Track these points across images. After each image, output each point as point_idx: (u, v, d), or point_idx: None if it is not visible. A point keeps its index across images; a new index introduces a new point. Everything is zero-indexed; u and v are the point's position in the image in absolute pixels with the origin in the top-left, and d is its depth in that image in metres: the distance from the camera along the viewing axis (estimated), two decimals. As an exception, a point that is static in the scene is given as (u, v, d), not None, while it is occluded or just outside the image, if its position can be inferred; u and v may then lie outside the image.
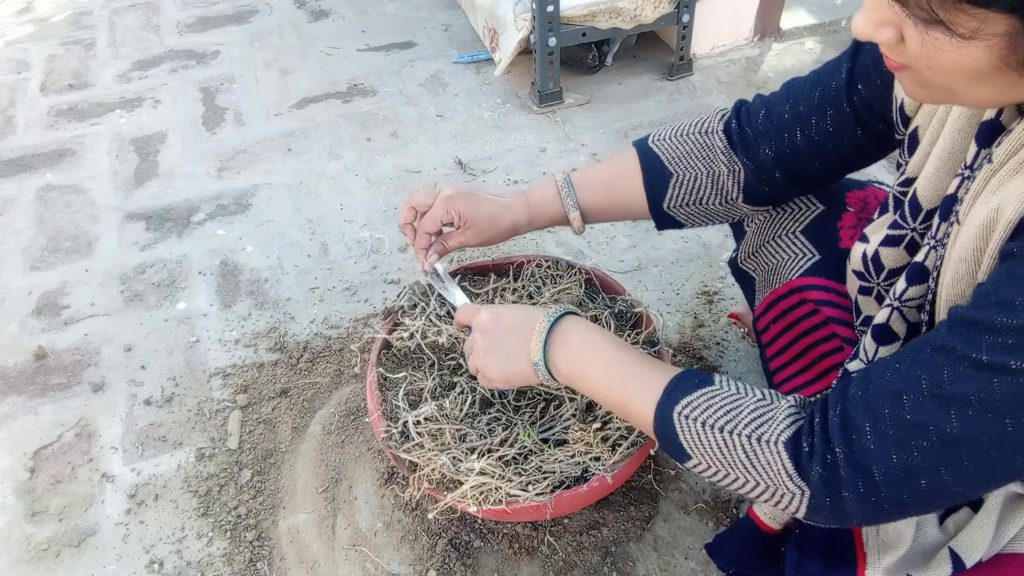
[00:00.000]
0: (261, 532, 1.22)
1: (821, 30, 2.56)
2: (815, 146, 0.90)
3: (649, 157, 0.99)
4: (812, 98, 0.89)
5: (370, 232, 1.81)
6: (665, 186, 0.98)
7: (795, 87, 0.93)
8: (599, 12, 2.07)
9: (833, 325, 0.97)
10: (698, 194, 0.98)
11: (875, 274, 0.84)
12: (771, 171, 0.93)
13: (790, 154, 0.91)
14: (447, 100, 2.28)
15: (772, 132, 0.92)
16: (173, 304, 1.64)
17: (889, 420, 0.60)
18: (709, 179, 0.97)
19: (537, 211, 1.03)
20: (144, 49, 2.60)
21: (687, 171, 0.97)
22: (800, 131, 0.90)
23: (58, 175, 2.03)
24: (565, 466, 0.99)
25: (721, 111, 0.98)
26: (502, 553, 1.16)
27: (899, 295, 0.76)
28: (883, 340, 0.79)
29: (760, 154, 0.93)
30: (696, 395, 0.73)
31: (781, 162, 0.92)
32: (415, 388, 1.11)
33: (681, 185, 0.98)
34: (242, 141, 2.13)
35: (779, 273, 1.05)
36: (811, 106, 0.89)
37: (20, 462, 1.34)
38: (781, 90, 0.95)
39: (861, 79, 0.84)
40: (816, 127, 0.89)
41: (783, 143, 0.91)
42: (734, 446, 0.69)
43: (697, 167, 0.97)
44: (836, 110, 0.87)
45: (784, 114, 0.91)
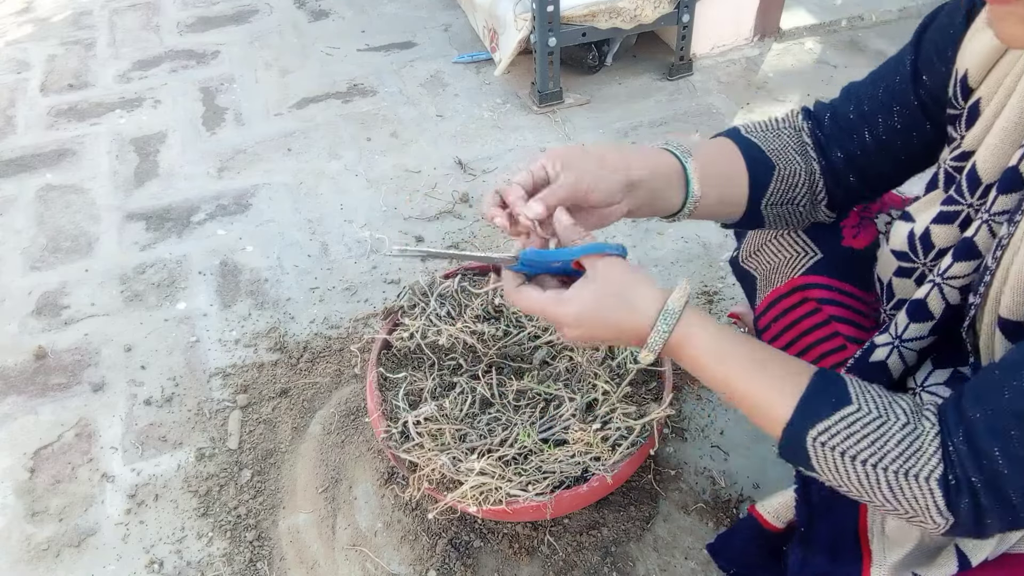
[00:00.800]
0: (261, 532, 1.22)
1: (821, 30, 2.55)
2: (883, 145, 0.86)
3: (749, 145, 0.89)
4: (876, 96, 0.85)
5: (370, 232, 1.81)
6: (768, 179, 0.89)
7: (855, 89, 0.89)
8: (599, 12, 2.07)
9: (836, 324, 0.97)
10: (794, 192, 0.90)
11: (923, 254, 0.80)
12: (845, 175, 0.89)
13: (860, 155, 0.87)
14: (447, 100, 2.28)
15: (840, 135, 0.88)
16: (173, 304, 1.64)
17: (1018, 442, 0.58)
18: (807, 176, 0.90)
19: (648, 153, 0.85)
20: (144, 49, 2.60)
21: (788, 165, 0.89)
22: (868, 131, 0.86)
23: (58, 175, 2.03)
24: (565, 466, 0.99)
25: (797, 113, 0.93)
26: (502, 553, 1.16)
27: (943, 271, 0.74)
28: (917, 317, 0.78)
29: (833, 158, 0.89)
30: (835, 420, 0.66)
31: (852, 164, 0.88)
32: (415, 388, 1.11)
33: (783, 180, 0.89)
34: (242, 141, 2.13)
35: (781, 271, 1.05)
36: (876, 104, 0.85)
37: (20, 462, 1.34)
38: (841, 94, 0.91)
39: (925, 69, 0.80)
40: (884, 125, 0.85)
41: (852, 145, 0.87)
42: (878, 480, 0.64)
43: (797, 162, 0.89)
44: (903, 105, 0.83)
45: (849, 115, 0.87)
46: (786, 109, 2.18)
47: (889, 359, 0.82)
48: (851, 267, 0.99)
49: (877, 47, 2.47)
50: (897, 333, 0.80)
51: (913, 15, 2.62)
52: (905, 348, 0.81)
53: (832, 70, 2.36)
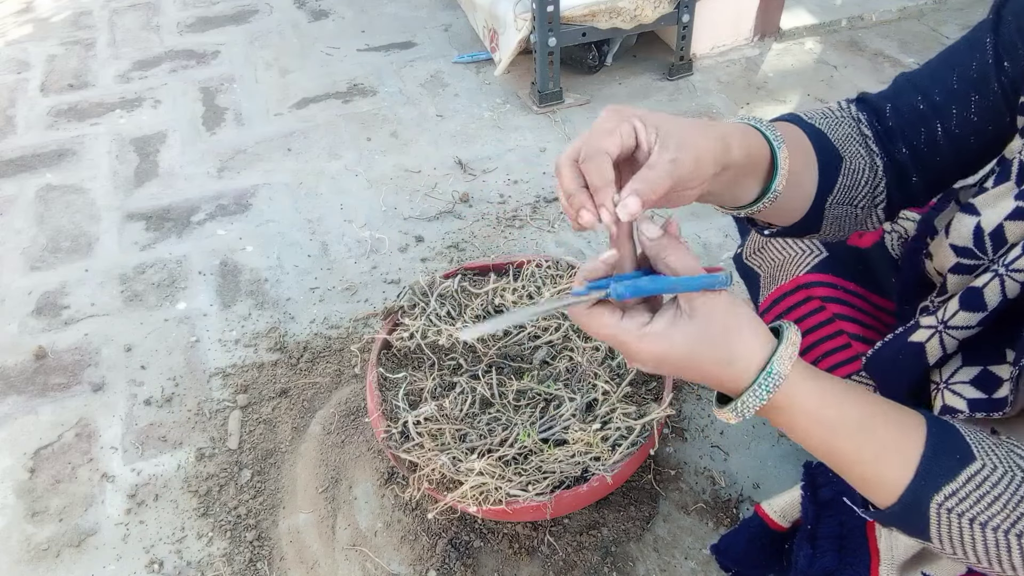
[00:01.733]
0: (261, 532, 1.22)
1: (821, 30, 2.55)
2: (955, 140, 0.76)
3: (818, 134, 0.77)
4: (949, 84, 0.75)
5: (370, 232, 1.81)
6: (836, 173, 0.77)
7: (918, 79, 0.79)
8: (599, 12, 2.07)
9: (840, 322, 0.97)
10: (856, 190, 0.78)
11: (992, 250, 0.73)
12: (909, 174, 0.79)
13: (927, 151, 0.77)
14: (447, 100, 2.28)
15: (906, 127, 0.78)
16: (173, 304, 1.64)
17: None
18: (870, 172, 0.78)
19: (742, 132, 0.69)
20: (144, 49, 2.60)
21: (854, 158, 0.78)
22: (940, 124, 0.76)
23: (58, 175, 2.03)
24: (565, 466, 0.99)
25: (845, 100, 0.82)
26: (502, 553, 1.16)
27: (1009, 263, 0.69)
28: (969, 305, 0.73)
29: (895, 152, 0.79)
30: (962, 482, 0.58)
31: (918, 161, 0.78)
32: (415, 388, 1.11)
33: (849, 174, 0.77)
34: (242, 141, 2.13)
35: (785, 269, 1.05)
36: (949, 94, 0.75)
37: (20, 462, 1.34)
38: (898, 85, 0.81)
39: (1007, 54, 0.71)
40: (958, 117, 0.75)
41: (919, 139, 0.77)
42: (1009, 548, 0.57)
43: (860, 154, 0.78)
44: (982, 94, 0.73)
45: (917, 105, 0.77)
46: (787, 109, 2.19)
47: (928, 343, 0.78)
48: (856, 266, 0.99)
49: (877, 47, 2.47)
50: (943, 318, 0.75)
51: (913, 15, 2.62)
52: (948, 334, 0.76)
53: (832, 70, 2.36)
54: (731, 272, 0.65)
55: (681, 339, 0.60)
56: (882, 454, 0.60)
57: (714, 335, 0.60)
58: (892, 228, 0.99)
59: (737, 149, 0.66)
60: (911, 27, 2.57)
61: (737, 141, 0.67)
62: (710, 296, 0.60)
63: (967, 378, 0.79)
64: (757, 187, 0.71)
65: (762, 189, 0.71)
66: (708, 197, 0.69)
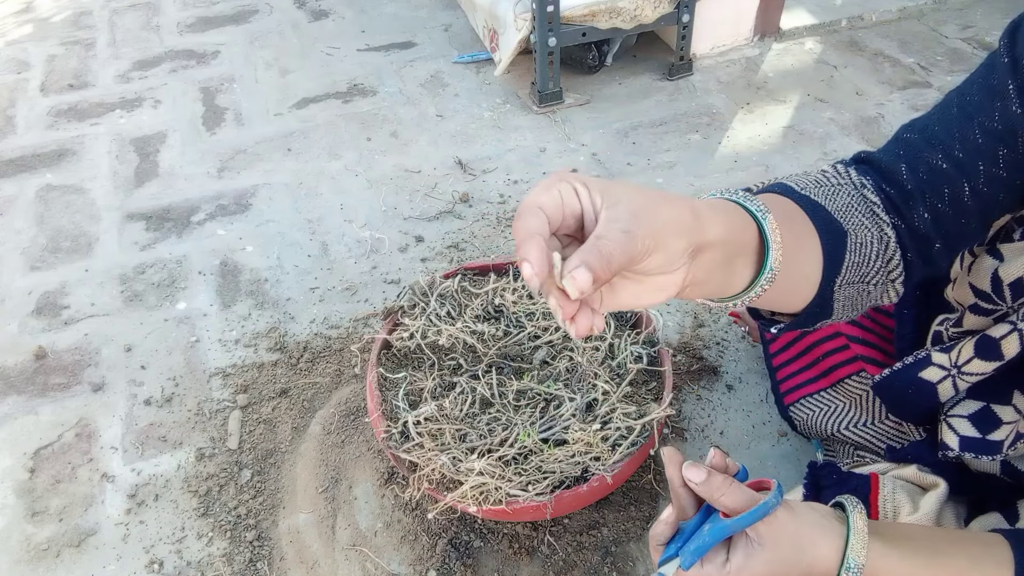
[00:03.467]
0: (261, 532, 1.22)
1: (821, 30, 2.55)
2: (982, 198, 0.68)
3: (814, 207, 0.66)
4: (971, 138, 0.67)
5: (370, 232, 1.81)
6: (843, 250, 0.65)
7: (932, 132, 0.70)
8: (599, 12, 2.07)
9: (838, 325, 0.97)
10: (868, 267, 0.68)
11: (1011, 299, 0.71)
12: (930, 241, 0.69)
13: (952, 215, 0.68)
14: (447, 100, 2.28)
15: (927, 190, 0.68)
16: (173, 304, 1.64)
17: None
18: (879, 244, 0.68)
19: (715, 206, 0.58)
20: (144, 49, 2.60)
21: (859, 231, 0.67)
22: (967, 183, 0.67)
23: (58, 175, 2.03)
24: (565, 466, 0.99)
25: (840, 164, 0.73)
26: (502, 553, 1.16)
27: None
28: (985, 355, 0.73)
29: (914, 219, 0.68)
30: None
31: (940, 226, 0.69)
32: (415, 388, 1.11)
33: (856, 250, 0.66)
34: (242, 141, 2.13)
35: None
36: (974, 150, 0.67)
37: (20, 462, 1.34)
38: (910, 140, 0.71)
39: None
40: (985, 175, 0.67)
41: (943, 202, 0.68)
42: None
43: (865, 226, 0.67)
44: (1010, 147, 0.65)
45: (939, 165, 0.68)
46: (786, 109, 2.19)
47: (940, 384, 0.79)
48: None
49: (877, 47, 2.47)
50: (956, 363, 0.76)
51: (913, 15, 2.62)
52: (962, 379, 0.77)
53: (832, 70, 2.36)
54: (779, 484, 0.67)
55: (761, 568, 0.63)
56: None
57: (787, 556, 0.63)
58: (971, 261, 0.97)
59: (714, 225, 0.55)
60: (911, 27, 2.57)
61: (713, 215, 0.56)
62: (771, 520, 0.64)
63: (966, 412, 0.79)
64: (749, 271, 0.60)
65: (755, 271, 0.60)
66: (694, 289, 0.57)
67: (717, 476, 0.66)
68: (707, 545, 0.66)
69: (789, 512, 0.65)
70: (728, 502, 0.65)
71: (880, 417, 0.97)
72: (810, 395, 1.04)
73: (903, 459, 0.87)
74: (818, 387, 1.03)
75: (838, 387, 1.01)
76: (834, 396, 1.02)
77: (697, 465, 0.67)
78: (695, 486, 0.67)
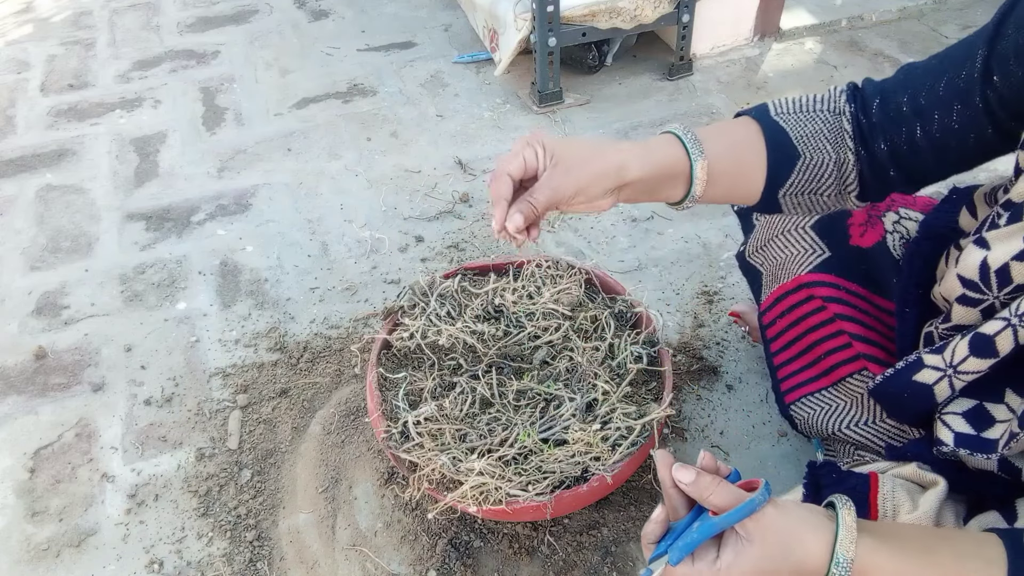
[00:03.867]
0: (261, 532, 1.22)
1: (821, 30, 2.55)
2: (935, 144, 0.77)
3: (775, 131, 0.82)
4: (936, 89, 0.76)
5: (370, 232, 1.81)
6: (790, 169, 0.82)
7: (915, 74, 0.80)
8: (599, 12, 2.07)
9: (840, 322, 0.97)
10: (819, 182, 0.83)
11: (996, 288, 0.74)
12: (886, 168, 0.81)
13: (907, 150, 0.79)
14: (447, 100, 2.28)
15: (888, 125, 0.79)
16: (173, 304, 1.64)
17: None
18: (835, 167, 0.82)
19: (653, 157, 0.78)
20: (144, 49, 2.60)
21: (815, 153, 0.81)
22: (920, 127, 0.77)
23: (58, 175, 2.03)
24: (565, 466, 0.99)
25: (841, 92, 0.84)
26: (502, 553, 1.16)
27: (1022, 312, 0.70)
28: (980, 352, 0.74)
29: (875, 148, 0.81)
30: None
31: (896, 158, 0.80)
32: (415, 388, 1.11)
33: (806, 170, 0.82)
34: (242, 141, 2.13)
35: (787, 268, 1.05)
36: (934, 99, 0.76)
37: (20, 462, 1.34)
38: (898, 75, 0.82)
39: (999, 69, 0.71)
40: (939, 123, 0.76)
41: (899, 138, 0.79)
42: None
43: (826, 150, 0.81)
44: (965, 104, 0.74)
45: (902, 106, 0.79)
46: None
47: (937, 385, 0.80)
48: (857, 267, 0.99)
49: (877, 47, 2.47)
50: (952, 362, 0.77)
51: (913, 15, 2.62)
52: (958, 378, 0.78)
53: (832, 70, 2.36)
54: (766, 483, 0.68)
55: (750, 564, 0.65)
56: None
57: (776, 551, 0.65)
58: (894, 228, 0.98)
59: (636, 170, 0.76)
60: (911, 27, 2.57)
61: (638, 162, 0.77)
62: (759, 517, 0.66)
63: (960, 410, 0.80)
64: (679, 192, 0.80)
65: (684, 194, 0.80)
66: (631, 201, 0.81)
67: (706, 476, 0.69)
68: (695, 542, 0.68)
69: (777, 509, 0.67)
70: (717, 501, 0.68)
71: (881, 416, 0.97)
72: (811, 394, 1.04)
73: (903, 457, 0.87)
74: (819, 386, 1.03)
75: (839, 386, 1.01)
76: (835, 395, 1.02)
77: (687, 466, 0.71)
78: (684, 486, 0.71)
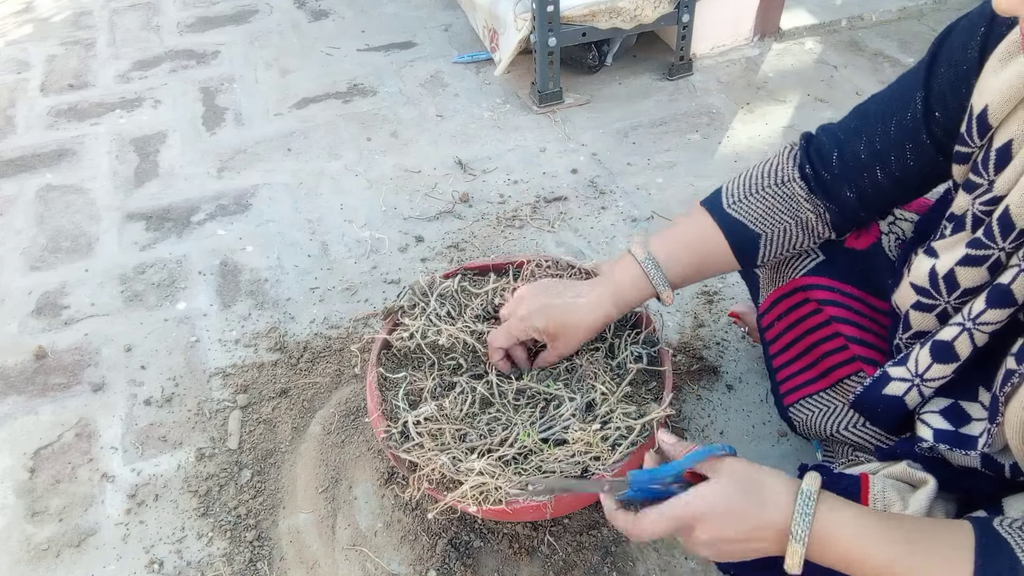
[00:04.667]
0: (261, 532, 1.22)
1: (821, 30, 2.55)
2: (897, 181, 0.85)
3: (731, 223, 0.95)
4: (888, 133, 0.84)
5: (370, 232, 1.81)
6: (755, 247, 0.95)
7: (868, 119, 0.87)
8: (599, 12, 2.07)
9: (836, 324, 0.97)
10: (789, 245, 0.96)
11: (946, 293, 0.78)
12: (856, 210, 0.90)
13: (872, 193, 0.88)
14: (447, 100, 2.28)
15: (850, 174, 0.88)
16: (173, 304, 1.64)
17: None
18: (799, 227, 0.94)
19: (625, 298, 0.99)
20: (144, 49, 2.60)
21: (775, 227, 0.94)
22: (880, 169, 0.85)
23: (58, 175, 2.03)
24: (565, 466, 0.98)
25: (788, 149, 0.94)
26: (502, 553, 1.16)
27: (974, 316, 0.73)
28: (942, 358, 0.77)
29: (842, 197, 0.89)
30: None
31: (864, 200, 0.89)
32: (415, 388, 1.11)
33: (772, 242, 0.95)
34: (242, 141, 2.13)
35: (783, 272, 1.05)
36: (888, 141, 0.84)
37: (20, 462, 1.34)
38: (851, 121, 0.90)
39: (938, 106, 0.78)
40: (896, 163, 0.84)
41: (863, 183, 0.87)
42: None
43: (784, 220, 0.93)
44: (915, 143, 0.82)
45: (860, 154, 0.87)
46: (786, 109, 2.19)
47: (907, 395, 0.82)
48: (852, 269, 0.99)
49: (877, 47, 2.47)
50: (918, 371, 0.79)
51: (913, 15, 2.63)
52: (925, 386, 0.80)
53: (832, 70, 2.36)
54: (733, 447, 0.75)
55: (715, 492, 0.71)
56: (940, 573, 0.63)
57: (744, 485, 0.70)
58: (889, 229, 0.99)
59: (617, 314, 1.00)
60: (911, 27, 2.57)
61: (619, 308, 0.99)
62: (725, 459, 0.73)
63: (937, 408, 0.82)
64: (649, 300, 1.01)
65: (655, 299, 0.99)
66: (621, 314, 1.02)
67: (685, 442, 0.79)
68: (658, 473, 0.76)
69: (744, 459, 0.74)
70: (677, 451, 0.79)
71: (878, 418, 0.97)
72: (809, 396, 1.04)
73: (892, 456, 0.87)
74: (817, 388, 1.03)
75: (837, 388, 1.01)
76: (833, 397, 1.02)
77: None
78: (666, 446, 0.81)
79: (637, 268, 0.97)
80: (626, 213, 1.83)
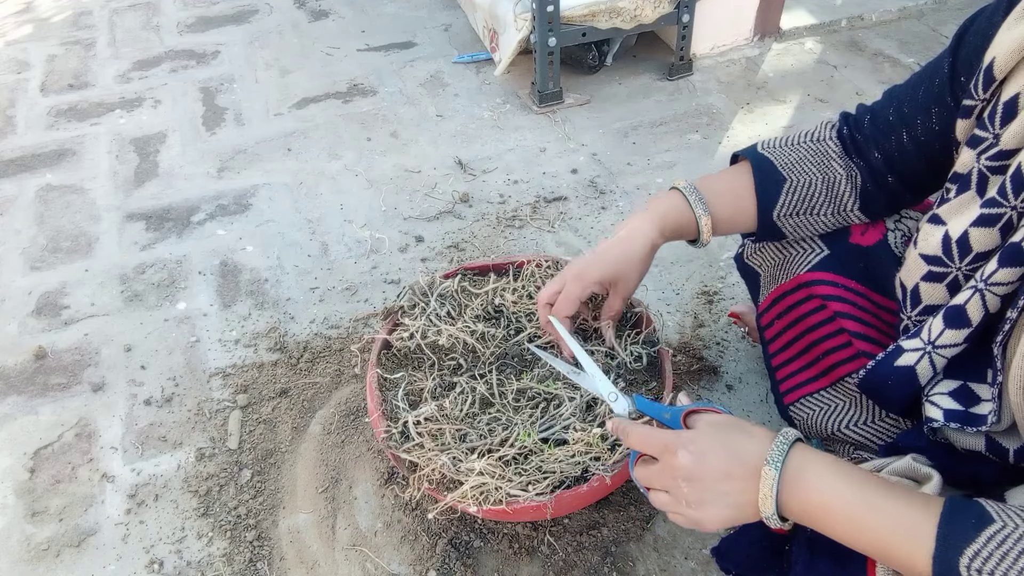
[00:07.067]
0: (261, 532, 1.22)
1: (821, 30, 2.55)
2: (921, 146, 0.88)
3: (761, 161, 0.97)
4: (916, 98, 0.87)
5: (370, 232, 1.81)
6: (777, 191, 0.95)
7: (897, 91, 0.92)
8: (599, 12, 2.07)
9: (841, 320, 0.97)
10: (811, 201, 0.95)
11: (959, 258, 0.78)
12: (884, 175, 0.92)
13: (898, 156, 0.90)
14: (447, 100, 2.28)
15: (879, 135, 0.91)
16: (173, 304, 1.64)
17: None
18: (824, 185, 0.94)
19: (666, 221, 0.98)
20: (144, 49, 2.60)
21: (801, 176, 0.95)
22: (906, 132, 0.88)
23: (58, 175, 2.03)
24: (565, 466, 0.98)
25: (828, 122, 0.98)
26: (502, 553, 1.16)
27: (987, 277, 0.73)
28: (954, 323, 0.76)
29: (871, 158, 0.92)
30: (982, 541, 0.60)
31: (891, 165, 0.91)
32: (415, 388, 1.11)
33: (795, 191, 0.95)
34: (242, 141, 2.13)
35: (786, 268, 1.05)
36: (915, 106, 0.87)
37: (20, 462, 1.34)
38: (883, 97, 0.94)
39: (963, 71, 0.80)
40: (922, 127, 0.87)
41: (890, 145, 0.90)
42: None
43: (812, 172, 0.95)
44: (941, 106, 0.84)
45: (889, 117, 0.90)
46: (786, 109, 2.19)
47: (918, 364, 0.81)
48: (858, 264, 0.99)
49: (877, 47, 2.47)
50: (930, 339, 0.79)
51: (913, 15, 2.63)
52: (937, 354, 0.80)
53: (832, 70, 2.36)
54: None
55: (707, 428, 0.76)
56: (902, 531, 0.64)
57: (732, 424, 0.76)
58: (895, 226, 0.99)
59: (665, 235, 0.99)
60: (911, 27, 2.57)
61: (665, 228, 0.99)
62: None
63: (946, 390, 0.81)
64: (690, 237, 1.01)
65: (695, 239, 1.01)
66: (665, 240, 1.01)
67: None
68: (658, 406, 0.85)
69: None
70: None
71: (879, 415, 0.97)
72: (810, 394, 1.04)
73: (896, 450, 0.87)
74: (818, 386, 1.03)
75: (837, 386, 1.01)
76: (833, 395, 1.01)
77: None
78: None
79: (676, 194, 0.98)
80: (626, 213, 1.83)
